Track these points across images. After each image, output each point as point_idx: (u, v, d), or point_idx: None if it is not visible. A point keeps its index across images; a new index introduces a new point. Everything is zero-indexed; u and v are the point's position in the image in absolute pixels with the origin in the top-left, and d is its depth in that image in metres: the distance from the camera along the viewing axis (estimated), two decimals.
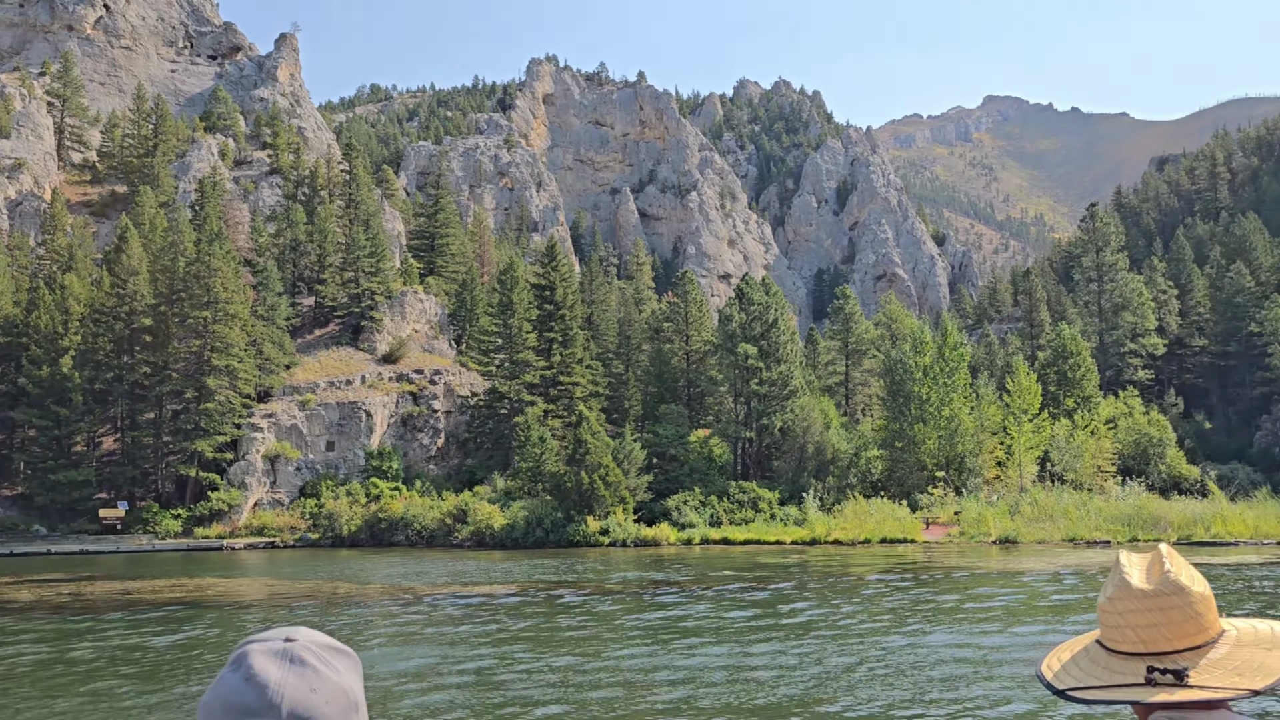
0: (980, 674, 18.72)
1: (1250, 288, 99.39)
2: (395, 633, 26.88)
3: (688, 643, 23.22)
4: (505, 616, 29.19)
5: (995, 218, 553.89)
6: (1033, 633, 23.87)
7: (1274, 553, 45.44)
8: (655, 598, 33.21)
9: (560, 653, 22.41)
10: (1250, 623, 2.30)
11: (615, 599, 32.96)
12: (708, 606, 30.24)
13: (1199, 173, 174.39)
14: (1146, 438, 76.94)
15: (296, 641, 1.62)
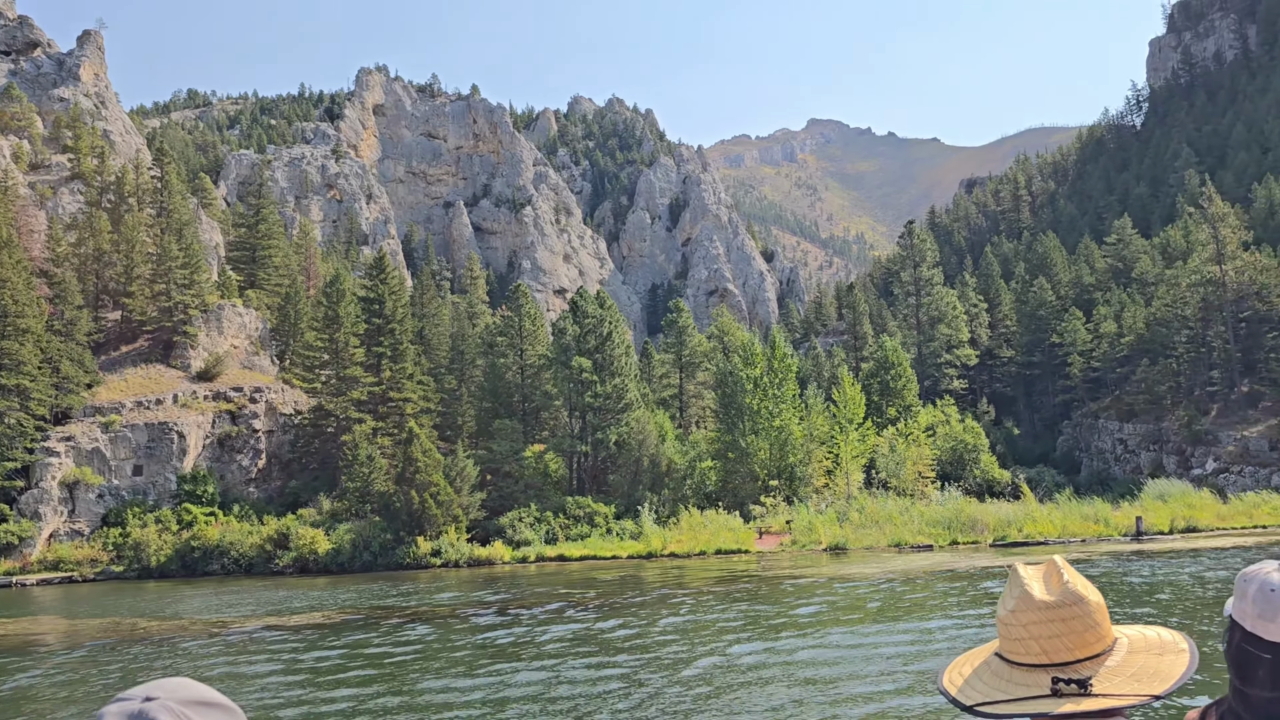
0: (822, 688, 18.49)
1: (1051, 302, 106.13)
2: (191, 670, 24.67)
3: (503, 666, 22.23)
4: (315, 647, 27.34)
5: (820, 235, 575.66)
6: (870, 635, 23.99)
7: (1080, 550, 48.04)
8: (479, 619, 31.98)
9: (367, 683, 20.99)
10: (1137, 629, 2.35)
11: (439, 623, 31.53)
12: (526, 628, 29.28)
13: (1003, 195, 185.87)
14: (963, 444, 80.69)
15: (156, 700, 1.45)
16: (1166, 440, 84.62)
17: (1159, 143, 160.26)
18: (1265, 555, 40.78)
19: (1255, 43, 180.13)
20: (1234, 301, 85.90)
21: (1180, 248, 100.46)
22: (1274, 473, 73.73)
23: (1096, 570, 37.28)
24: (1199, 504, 58.18)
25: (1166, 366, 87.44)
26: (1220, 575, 34.66)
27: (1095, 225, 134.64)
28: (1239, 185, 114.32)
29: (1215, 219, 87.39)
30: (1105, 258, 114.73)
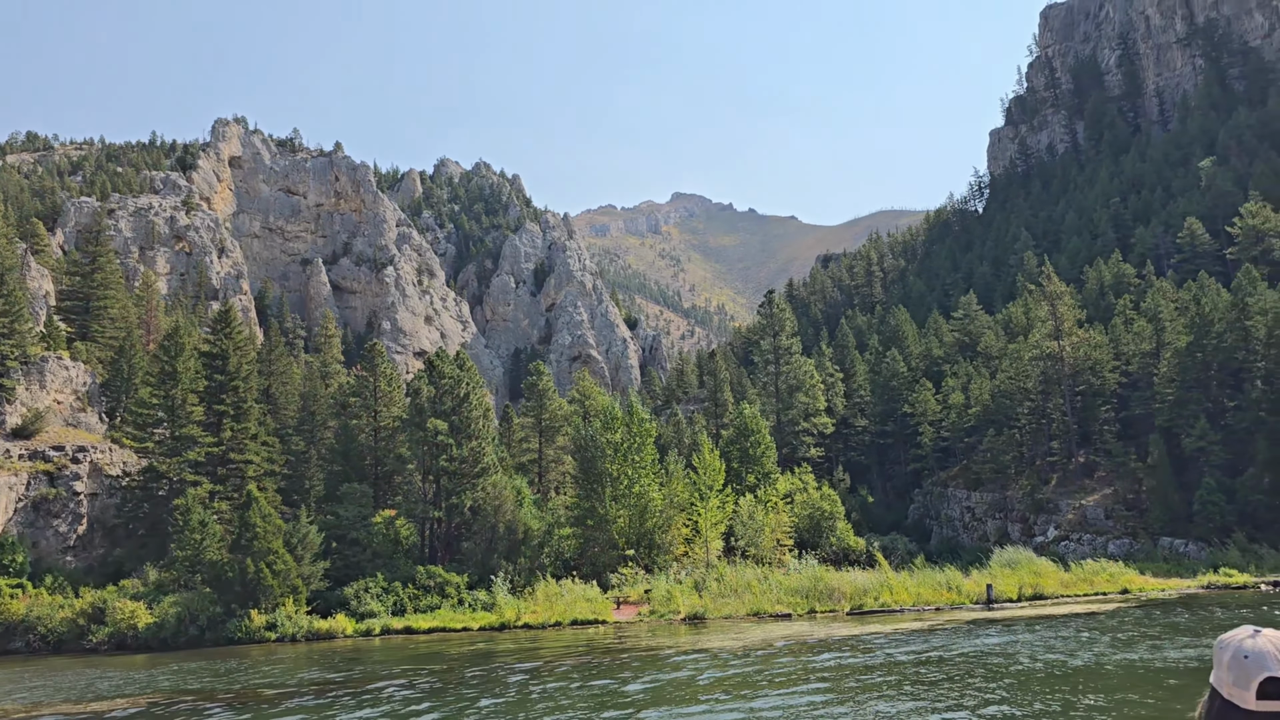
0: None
1: (903, 373, 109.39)
2: None
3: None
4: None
5: (682, 305, 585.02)
6: (696, 715, 22.70)
7: (935, 618, 48.22)
8: (293, 703, 29.26)
9: None
10: None
11: (248, 710, 28.67)
12: (336, 714, 26.83)
13: (857, 270, 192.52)
14: (820, 512, 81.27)
15: None
16: (1011, 508, 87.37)
17: (1000, 226, 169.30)
18: (1113, 620, 41.69)
19: (1083, 138, 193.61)
20: (1071, 375, 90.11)
21: (1021, 324, 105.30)
22: (1109, 540, 76.75)
23: (966, 642, 37.17)
24: (1044, 571, 59.71)
25: (1010, 437, 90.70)
26: (1069, 644, 34.97)
27: (943, 301, 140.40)
28: (1072, 267, 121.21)
29: (1053, 297, 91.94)
30: (953, 332, 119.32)
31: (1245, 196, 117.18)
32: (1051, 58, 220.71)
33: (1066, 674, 28.14)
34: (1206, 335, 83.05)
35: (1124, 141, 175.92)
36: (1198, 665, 28.55)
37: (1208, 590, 57.70)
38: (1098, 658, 30.75)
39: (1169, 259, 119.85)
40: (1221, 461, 76.53)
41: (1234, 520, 72.10)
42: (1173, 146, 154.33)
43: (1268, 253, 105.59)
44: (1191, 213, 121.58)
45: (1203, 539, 71.97)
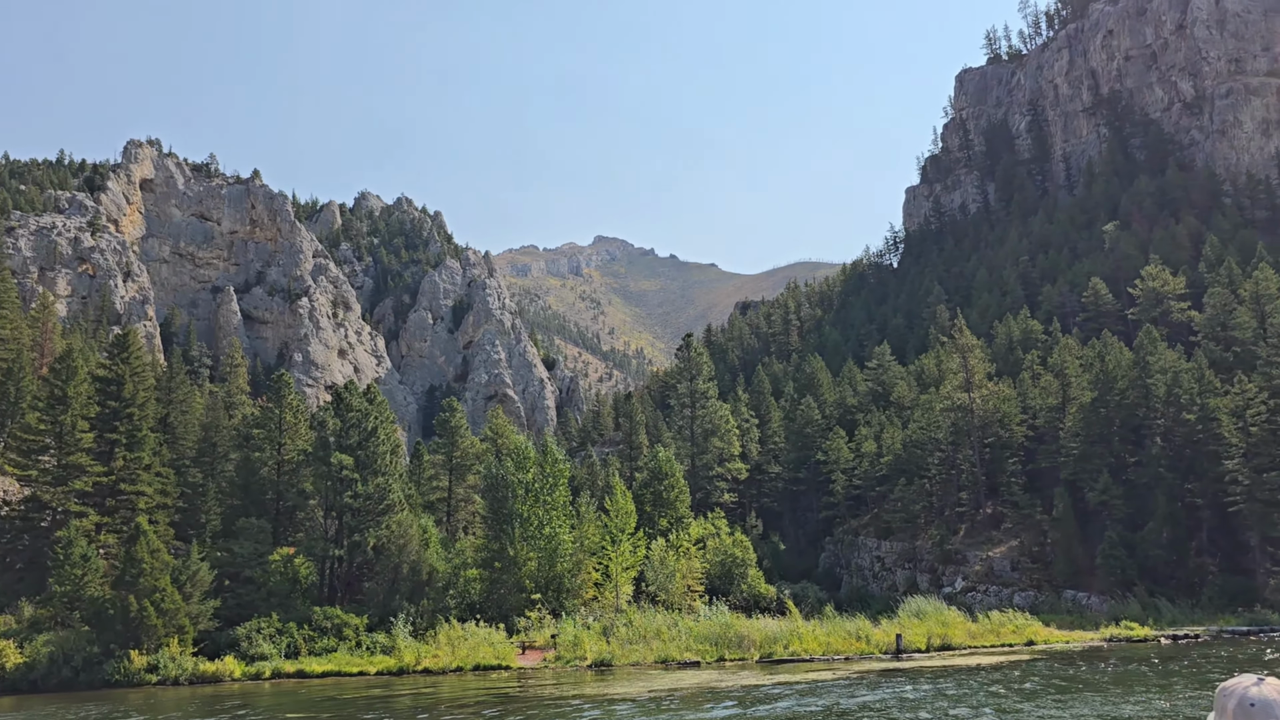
0: None
1: (817, 420, 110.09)
2: None
3: None
4: None
5: (601, 348, 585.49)
6: None
7: (845, 668, 47.68)
8: None
9: None
10: None
11: None
12: None
13: (775, 318, 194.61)
14: (731, 558, 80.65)
15: None
16: (920, 559, 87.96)
17: (914, 280, 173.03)
18: (1019, 672, 41.62)
19: (994, 199, 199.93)
20: (980, 427, 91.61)
21: (933, 375, 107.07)
22: (1015, 591, 77.61)
23: (873, 694, 36.56)
24: (952, 622, 59.83)
25: (921, 486, 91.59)
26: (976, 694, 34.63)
27: (857, 351, 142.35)
28: (983, 322, 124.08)
29: (965, 350, 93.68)
30: (867, 381, 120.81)
31: (1146, 260, 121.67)
32: (965, 120, 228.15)
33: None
34: (1110, 392, 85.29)
35: (1033, 203, 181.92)
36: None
37: (1109, 643, 58.42)
38: (1001, 714, 30.41)
39: (1075, 317, 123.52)
40: (1123, 515, 78.24)
41: (1135, 574, 73.55)
42: (1078, 210, 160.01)
43: (1166, 314, 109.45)
44: (1096, 273, 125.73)
45: (1105, 592, 73.21)
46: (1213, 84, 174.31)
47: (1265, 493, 73.29)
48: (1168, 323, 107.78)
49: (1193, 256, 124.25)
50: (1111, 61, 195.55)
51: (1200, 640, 58.62)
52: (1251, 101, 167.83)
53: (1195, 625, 63.16)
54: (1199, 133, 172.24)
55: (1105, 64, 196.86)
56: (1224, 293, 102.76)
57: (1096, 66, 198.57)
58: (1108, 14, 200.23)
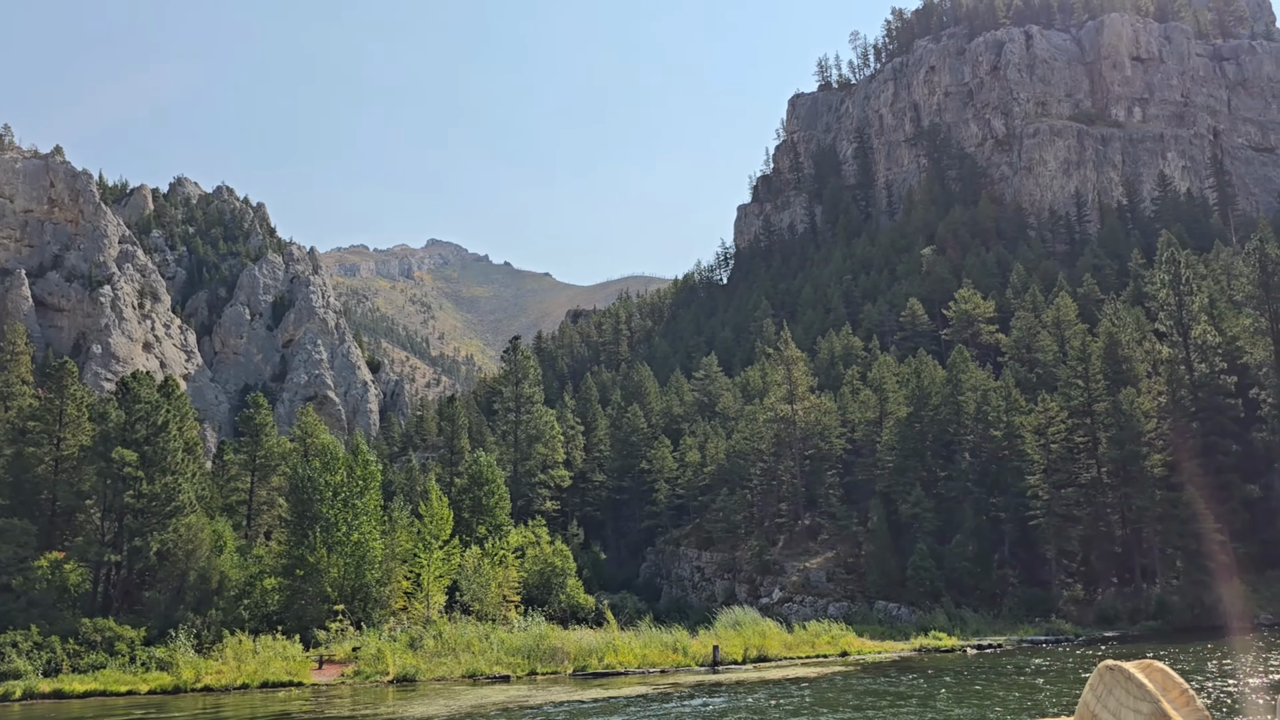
0: None
1: (643, 429, 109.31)
2: None
3: None
4: None
5: (430, 354, 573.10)
6: None
7: (660, 680, 46.11)
8: None
9: None
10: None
11: None
12: None
13: (605, 328, 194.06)
14: (551, 567, 78.35)
15: None
16: (739, 569, 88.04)
17: (742, 295, 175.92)
18: (828, 684, 41.00)
19: (821, 220, 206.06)
20: (802, 439, 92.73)
21: (758, 387, 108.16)
22: (830, 602, 78.48)
23: (686, 709, 34.92)
24: (769, 633, 59.43)
25: (742, 497, 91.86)
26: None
27: (685, 363, 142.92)
28: (807, 337, 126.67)
29: (789, 362, 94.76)
30: (693, 391, 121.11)
31: (959, 284, 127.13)
32: (797, 143, 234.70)
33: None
34: (924, 407, 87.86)
35: (857, 226, 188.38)
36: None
37: (919, 653, 59.30)
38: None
39: (893, 335, 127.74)
40: (933, 528, 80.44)
41: (942, 585, 75.56)
42: (899, 234, 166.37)
43: (976, 336, 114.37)
44: (913, 294, 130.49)
45: (914, 603, 74.85)
46: (1022, 124, 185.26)
47: (1062, 508, 76.79)
48: (978, 344, 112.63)
49: (1001, 283, 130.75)
50: (933, 96, 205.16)
51: (1002, 650, 60.29)
52: (1055, 142, 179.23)
53: (997, 635, 65.11)
54: (1009, 168, 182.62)
55: (927, 98, 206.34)
56: (1029, 317, 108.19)
57: (919, 100, 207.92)
58: (930, 51, 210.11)
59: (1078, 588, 78.35)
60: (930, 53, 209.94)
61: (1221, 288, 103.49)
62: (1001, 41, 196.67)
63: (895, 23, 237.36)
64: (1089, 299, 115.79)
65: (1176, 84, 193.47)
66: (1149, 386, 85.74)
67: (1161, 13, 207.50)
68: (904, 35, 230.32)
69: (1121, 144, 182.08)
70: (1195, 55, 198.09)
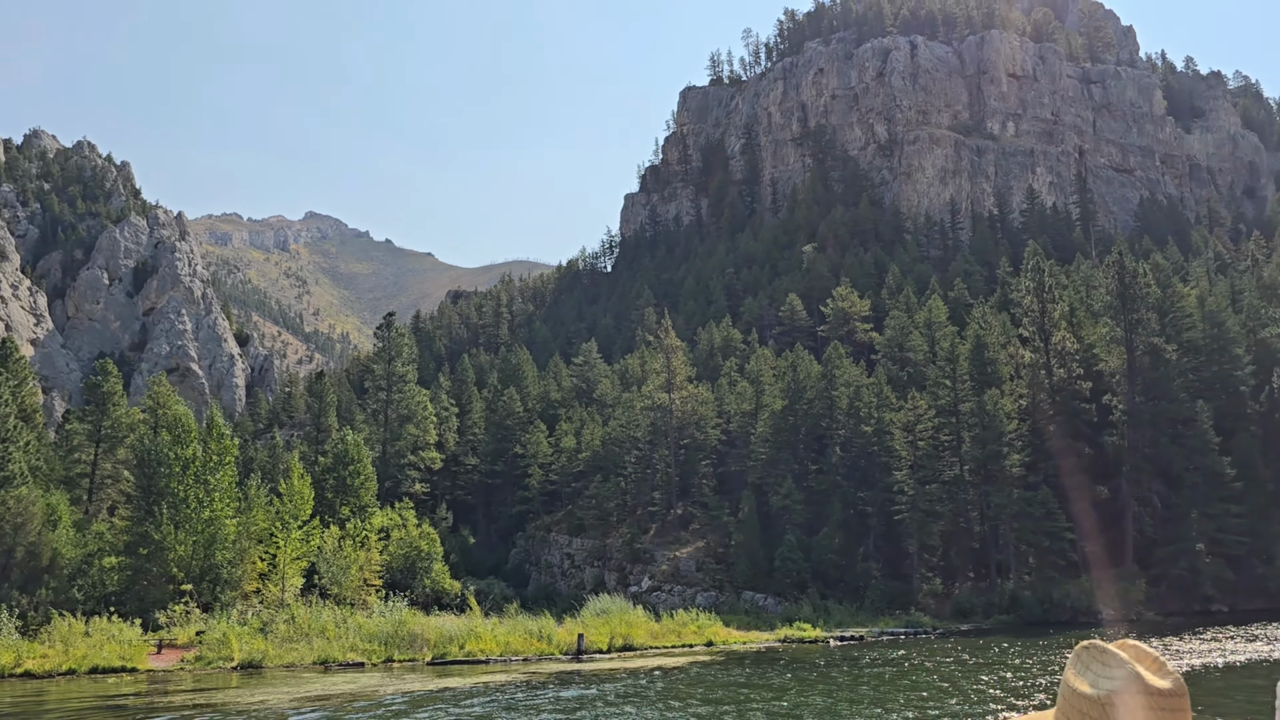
0: None
1: (519, 413, 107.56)
2: None
3: None
4: None
5: (304, 329, 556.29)
6: None
7: (522, 669, 44.86)
8: None
9: None
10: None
11: None
12: None
13: (486, 310, 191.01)
14: (416, 551, 76.17)
15: None
16: (610, 557, 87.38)
17: (626, 284, 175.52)
18: (688, 675, 40.48)
19: (706, 213, 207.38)
20: (678, 428, 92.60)
21: (637, 375, 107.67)
22: (699, 592, 78.51)
23: (541, 699, 33.75)
24: (636, 622, 58.76)
25: (616, 484, 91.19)
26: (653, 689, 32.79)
27: (566, 348, 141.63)
28: (688, 328, 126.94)
29: (669, 351, 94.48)
30: (572, 377, 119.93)
31: (837, 282, 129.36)
32: (686, 136, 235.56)
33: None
34: (799, 401, 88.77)
35: (741, 221, 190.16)
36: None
37: (783, 644, 59.62)
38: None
39: (771, 329, 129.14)
40: (803, 520, 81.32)
41: (809, 576, 76.43)
42: (781, 231, 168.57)
43: (852, 333, 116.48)
44: (793, 290, 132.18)
45: (781, 593, 75.49)
46: (903, 130, 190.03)
47: (926, 503, 78.61)
48: (853, 341, 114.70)
49: (877, 283, 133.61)
50: (820, 98, 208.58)
51: (863, 641, 61.17)
52: (934, 150, 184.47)
53: (859, 627, 66.09)
54: (889, 173, 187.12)
55: (815, 99, 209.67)
56: (902, 318, 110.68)
57: (807, 101, 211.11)
58: (820, 53, 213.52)
59: (937, 581, 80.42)
60: (820, 55, 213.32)
61: (1081, 298, 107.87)
62: (888, 49, 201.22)
63: (787, 23, 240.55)
64: (959, 303, 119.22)
65: (1048, 103, 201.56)
66: (1011, 389, 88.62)
67: (1037, 33, 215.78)
68: (795, 36, 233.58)
69: (995, 156, 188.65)
70: (1066, 76, 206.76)
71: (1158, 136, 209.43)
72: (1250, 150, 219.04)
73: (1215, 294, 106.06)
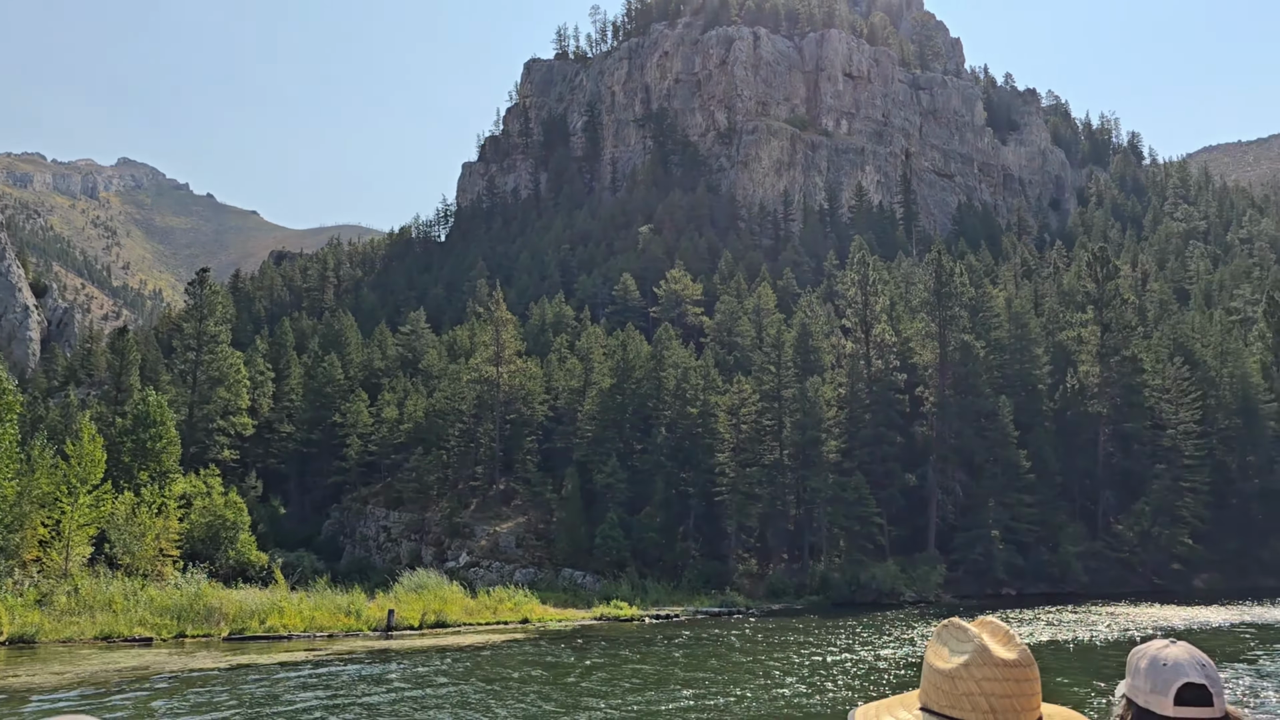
0: None
1: (340, 380, 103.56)
2: None
3: None
4: None
5: (112, 284, 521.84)
6: None
7: (325, 647, 42.89)
8: None
9: None
10: (1053, 706, 2.45)
11: None
12: None
13: (312, 273, 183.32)
14: (221, 520, 72.23)
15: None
16: (428, 531, 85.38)
17: (459, 254, 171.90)
18: (507, 652, 39.69)
19: (545, 188, 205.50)
20: (505, 403, 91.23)
21: (465, 347, 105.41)
22: (518, 568, 77.66)
23: (332, 678, 32.12)
24: (450, 598, 57.35)
25: (438, 457, 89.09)
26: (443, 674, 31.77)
27: (393, 317, 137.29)
28: (520, 302, 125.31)
29: (499, 323, 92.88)
30: (398, 345, 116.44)
31: (672, 264, 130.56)
32: (528, 108, 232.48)
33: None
34: (628, 380, 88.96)
35: (580, 198, 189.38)
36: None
37: (600, 621, 59.55)
38: (462, 699, 27.78)
39: (604, 308, 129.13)
40: (625, 499, 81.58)
41: (629, 555, 76.78)
42: (619, 210, 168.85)
43: (683, 316, 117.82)
44: (627, 270, 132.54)
45: (600, 571, 75.54)
46: (743, 120, 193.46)
47: (746, 486, 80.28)
48: (683, 324, 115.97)
49: (710, 267, 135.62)
50: (664, 81, 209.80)
51: (677, 619, 61.85)
52: (771, 142, 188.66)
53: (675, 605, 66.82)
54: (727, 161, 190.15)
55: (658, 82, 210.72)
56: (732, 303, 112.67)
57: (650, 83, 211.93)
58: (666, 36, 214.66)
59: (753, 562, 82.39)
60: (666, 38, 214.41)
61: (901, 293, 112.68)
62: (732, 38, 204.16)
63: (635, 3, 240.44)
64: (787, 291, 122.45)
65: (880, 104, 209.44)
66: (832, 377, 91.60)
67: (873, 36, 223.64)
68: (643, 17, 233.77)
69: (828, 152, 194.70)
70: (897, 80, 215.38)
71: (977, 145, 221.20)
72: (1057, 165, 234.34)
73: (1020, 297, 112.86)
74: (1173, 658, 2.63)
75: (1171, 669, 2.60)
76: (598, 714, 26.21)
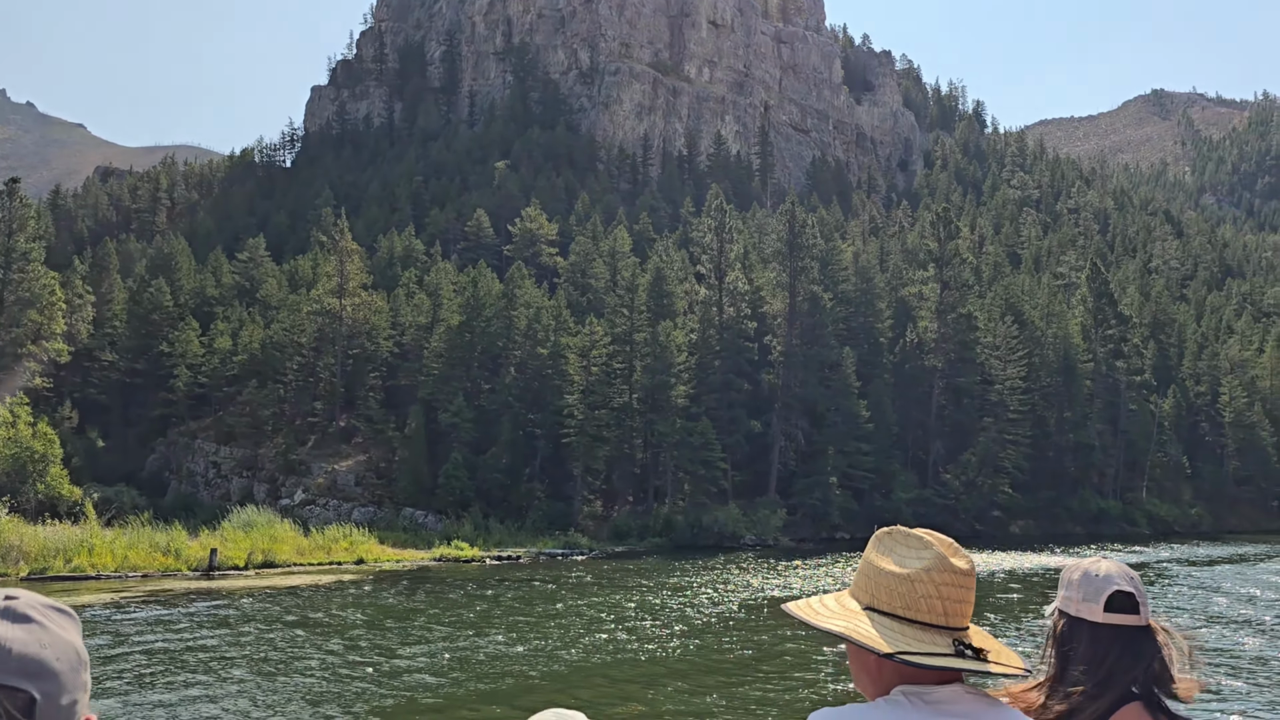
0: None
1: (168, 307, 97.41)
2: None
3: None
4: None
5: None
6: None
7: (138, 588, 40.20)
8: None
9: None
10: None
11: None
12: None
13: (143, 193, 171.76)
14: (29, 453, 67.09)
15: (19, 600, 1.55)
16: (261, 467, 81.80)
17: (305, 181, 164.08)
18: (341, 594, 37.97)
19: (399, 118, 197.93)
20: (348, 337, 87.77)
21: (308, 278, 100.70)
22: (356, 507, 75.29)
23: (146, 615, 29.89)
24: (282, 537, 54.85)
25: (274, 391, 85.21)
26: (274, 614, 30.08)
27: (231, 244, 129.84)
28: (368, 234, 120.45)
29: (344, 254, 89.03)
30: (234, 274, 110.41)
31: (527, 203, 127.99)
32: (384, 33, 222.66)
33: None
34: (477, 319, 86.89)
35: (435, 130, 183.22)
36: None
37: (439, 562, 58.27)
38: (258, 645, 26.29)
39: (456, 244, 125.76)
40: (471, 439, 79.96)
41: (473, 495, 75.45)
42: (476, 145, 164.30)
43: (537, 255, 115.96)
44: (482, 206, 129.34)
45: (443, 511, 73.98)
46: (606, 60, 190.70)
47: (594, 428, 79.89)
48: (537, 263, 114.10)
49: (566, 208, 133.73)
50: (526, 15, 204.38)
51: (519, 560, 61.18)
52: (633, 85, 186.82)
53: (518, 547, 66.07)
54: (588, 101, 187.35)
55: (521, 15, 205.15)
56: (587, 244, 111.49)
57: (513, 16, 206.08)
58: None
59: (597, 504, 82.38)
60: None
61: (755, 243, 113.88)
62: None
63: None
64: (643, 236, 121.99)
65: (741, 55, 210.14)
66: (684, 323, 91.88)
67: None
68: None
69: (689, 99, 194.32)
70: (760, 33, 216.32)
71: (834, 103, 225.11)
72: (907, 128, 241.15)
73: (867, 252, 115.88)
74: (1104, 570, 2.97)
75: (1103, 579, 2.93)
76: (400, 661, 25.18)
